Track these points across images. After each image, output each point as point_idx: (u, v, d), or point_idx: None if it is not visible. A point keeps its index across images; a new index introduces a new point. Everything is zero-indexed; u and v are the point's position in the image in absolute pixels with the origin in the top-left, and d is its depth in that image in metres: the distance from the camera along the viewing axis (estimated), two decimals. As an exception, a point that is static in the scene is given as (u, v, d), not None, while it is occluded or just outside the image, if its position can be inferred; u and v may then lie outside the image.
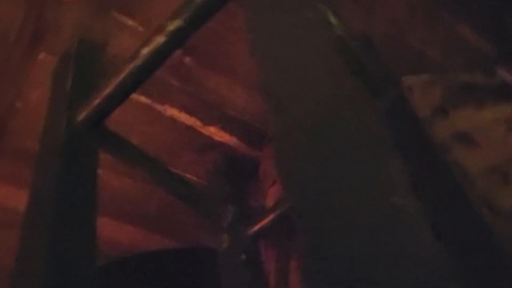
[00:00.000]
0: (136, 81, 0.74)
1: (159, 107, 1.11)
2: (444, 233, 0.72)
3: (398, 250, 0.28)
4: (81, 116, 0.76)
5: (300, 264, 1.02)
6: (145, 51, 0.71)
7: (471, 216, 0.69)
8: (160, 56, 0.72)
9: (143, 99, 1.10)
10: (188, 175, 1.23)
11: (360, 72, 0.86)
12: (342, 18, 0.80)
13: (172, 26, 0.69)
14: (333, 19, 0.77)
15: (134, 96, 1.07)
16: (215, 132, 1.18)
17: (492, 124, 0.89)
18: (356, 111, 0.38)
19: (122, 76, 0.73)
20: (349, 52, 0.81)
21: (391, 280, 0.27)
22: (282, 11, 0.47)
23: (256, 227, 1.01)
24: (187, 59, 1.04)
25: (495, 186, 0.84)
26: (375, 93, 0.89)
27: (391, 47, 1.07)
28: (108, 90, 0.74)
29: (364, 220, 0.30)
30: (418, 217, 0.29)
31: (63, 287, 0.58)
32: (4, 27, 0.95)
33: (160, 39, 0.70)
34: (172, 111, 1.13)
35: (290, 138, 0.39)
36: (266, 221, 1.00)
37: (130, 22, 0.99)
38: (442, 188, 0.76)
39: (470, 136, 0.88)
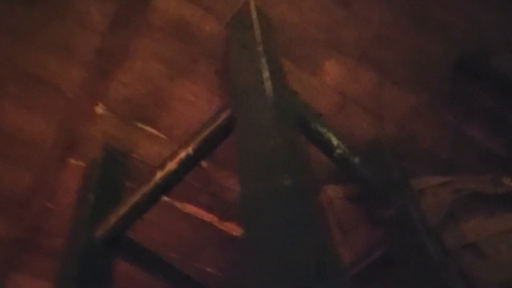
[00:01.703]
0: (149, 203, 0.80)
1: (179, 205, 1.18)
2: None
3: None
4: (100, 232, 0.82)
5: None
6: (159, 175, 0.78)
7: None
8: (171, 180, 0.78)
9: (165, 198, 1.16)
10: (208, 269, 1.27)
11: (365, 186, 0.89)
12: (342, 137, 0.85)
13: (183, 154, 0.76)
14: (333, 140, 0.82)
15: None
16: (233, 228, 1.22)
17: (500, 235, 0.89)
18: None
19: (136, 197, 0.80)
20: (352, 168, 0.85)
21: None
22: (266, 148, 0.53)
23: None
24: (206, 163, 1.11)
25: (504, 301, 0.84)
26: (383, 204, 0.91)
27: (402, 149, 1.10)
28: (123, 209, 0.81)
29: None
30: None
31: None
32: (40, 140, 1.05)
33: (172, 166, 0.77)
34: (191, 209, 1.18)
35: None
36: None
37: (153, 131, 1.07)
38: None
39: (479, 248, 0.88)
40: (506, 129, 1.04)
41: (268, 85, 0.64)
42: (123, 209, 0.80)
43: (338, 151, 0.82)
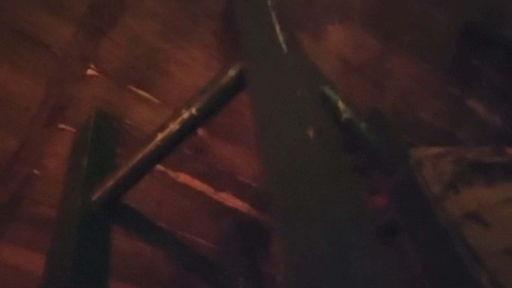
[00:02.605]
0: (149, 164, 0.76)
1: (172, 174, 1.14)
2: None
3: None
4: (96, 195, 0.78)
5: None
6: (160, 137, 0.74)
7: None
8: (173, 142, 0.74)
9: (157, 166, 1.12)
10: (200, 240, 1.24)
11: (370, 152, 0.87)
12: (351, 100, 0.83)
13: (186, 114, 0.72)
14: (341, 104, 0.79)
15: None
16: (227, 198, 1.19)
17: (502, 204, 0.88)
18: (340, 190, 0.41)
19: (136, 159, 0.76)
20: (358, 133, 0.83)
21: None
22: (279, 100, 0.51)
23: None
24: (201, 131, 1.07)
25: (507, 268, 0.84)
26: (388, 171, 0.90)
27: (401, 118, 1.09)
28: (122, 172, 0.77)
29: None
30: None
31: None
32: (26, 102, 0.99)
33: (174, 126, 0.73)
34: (185, 178, 1.15)
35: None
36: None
37: (146, 96, 1.03)
38: (447, 266, 0.76)
39: (481, 216, 0.88)
40: (508, 102, 1.03)
41: (282, 39, 0.61)
42: (121, 172, 0.76)
43: (346, 115, 0.80)
